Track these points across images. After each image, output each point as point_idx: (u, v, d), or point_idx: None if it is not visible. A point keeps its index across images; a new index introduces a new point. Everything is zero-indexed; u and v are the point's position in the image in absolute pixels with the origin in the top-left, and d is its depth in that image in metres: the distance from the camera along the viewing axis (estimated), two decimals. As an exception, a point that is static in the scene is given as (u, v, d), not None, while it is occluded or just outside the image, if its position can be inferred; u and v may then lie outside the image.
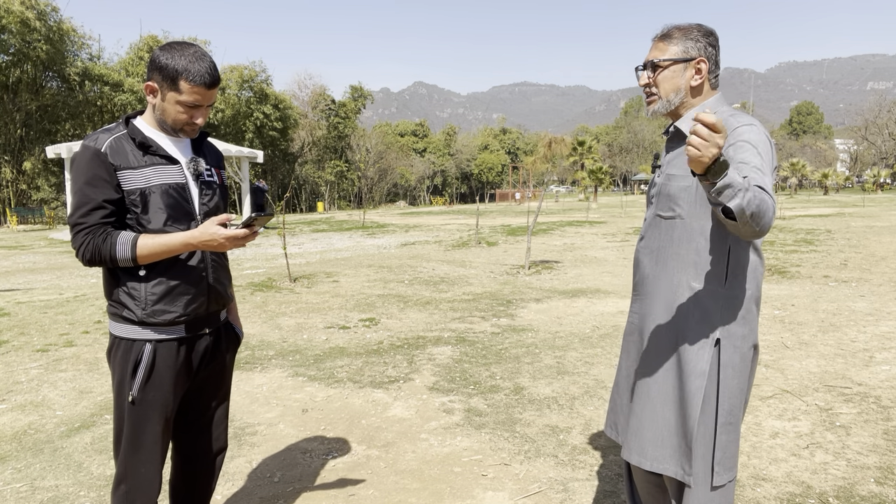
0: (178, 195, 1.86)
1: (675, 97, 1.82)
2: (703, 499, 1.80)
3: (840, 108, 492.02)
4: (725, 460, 1.80)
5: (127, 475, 1.90)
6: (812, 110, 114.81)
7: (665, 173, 1.86)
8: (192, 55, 1.78)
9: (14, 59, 29.14)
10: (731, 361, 1.76)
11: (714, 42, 1.81)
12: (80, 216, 1.77)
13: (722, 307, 1.75)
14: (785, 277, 8.52)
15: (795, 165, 53.13)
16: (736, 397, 1.79)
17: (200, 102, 1.82)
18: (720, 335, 1.75)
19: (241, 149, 20.99)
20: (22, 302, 7.46)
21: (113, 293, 1.87)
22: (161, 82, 1.79)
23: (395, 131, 71.11)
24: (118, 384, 1.89)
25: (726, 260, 1.74)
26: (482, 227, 18.00)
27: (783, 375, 4.33)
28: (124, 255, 1.77)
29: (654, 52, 1.84)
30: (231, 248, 1.82)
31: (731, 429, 1.80)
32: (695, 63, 1.79)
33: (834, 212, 23.16)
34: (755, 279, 1.78)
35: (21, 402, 4.04)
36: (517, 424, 3.56)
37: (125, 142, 1.82)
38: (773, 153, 1.69)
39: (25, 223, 25.74)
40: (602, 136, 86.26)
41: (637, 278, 1.96)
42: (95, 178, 1.77)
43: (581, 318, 6.22)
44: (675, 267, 1.81)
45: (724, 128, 1.33)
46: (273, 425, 3.62)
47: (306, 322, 6.24)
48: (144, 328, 1.85)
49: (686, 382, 1.77)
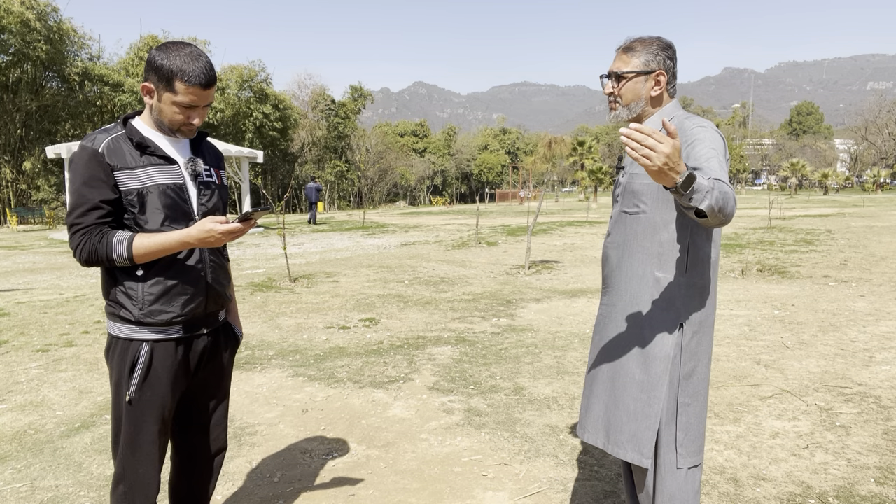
0: (175, 195, 1.86)
1: (635, 106, 1.97)
2: (671, 483, 1.90)
3: (840, 108, 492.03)
4: (688, 443, 1.90)
5: (125, 475, 1.90)
6: (812, 110, 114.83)
7: (629, 172, 1.98)
8: (187, 55, 1.77)
9: (14, 59, 29.13)
10: (689, 345, 1.89)
11: (672, 55, 1.96)
12: (77, 216, 1.77)
13: (684, 294, 1.88)
14: (785, 277, 8.52)
15: (795, 165, 53.11)
16: (696, 379, 1.91)
17: (196, 103, 1.81)
18: (682, 320, 1.88)
19: (240, 149, 20.96)
20: (22, 302, 7.46)
21: (111, 293, 1.87)
22: (157, 83, 1.79)
23: (395, 131, 71.11)
24: (116, 384, 1.89)
25: (687, 250, 1.87)
26: (482, 227, 18.00)
27: (783, 375, 4.33)
28: (120, 254, 1.77)
29: (617, 63, 1.97)
30: (227, 242, 1.82)
31: (691, 410, 1.91)
32: (654, 75, 1.93)
33: (834, 212, 23.16)
34: (713, 269, 1.93)
35: (21, 402, 4.04)
36: (517, 424, 3.56)
37: (123, 142, 1.82)
38: (724, 148, 1.83)
39: (25, 223, 25.75)
40: (602, 136, 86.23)
41: (605, 272, 2.07)
42: (93, 179, 1.77)
43: (581, 318, 6.22)
44: (640, 259, 1.93)
45: (653, 131, 1.43)
46: (273, 425, 3.61)
47: (306, 322, 6.24)
48: (142, 328, 1.85)
49: (650, 367, 1.88)
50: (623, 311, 1.96)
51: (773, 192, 58.36)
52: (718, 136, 1.83)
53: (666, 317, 1.88)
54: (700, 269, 1.89)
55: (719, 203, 1.50)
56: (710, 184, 1.50)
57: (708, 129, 1.83)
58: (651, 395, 1.88)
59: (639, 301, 1.92)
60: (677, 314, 1.88)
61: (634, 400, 1.89)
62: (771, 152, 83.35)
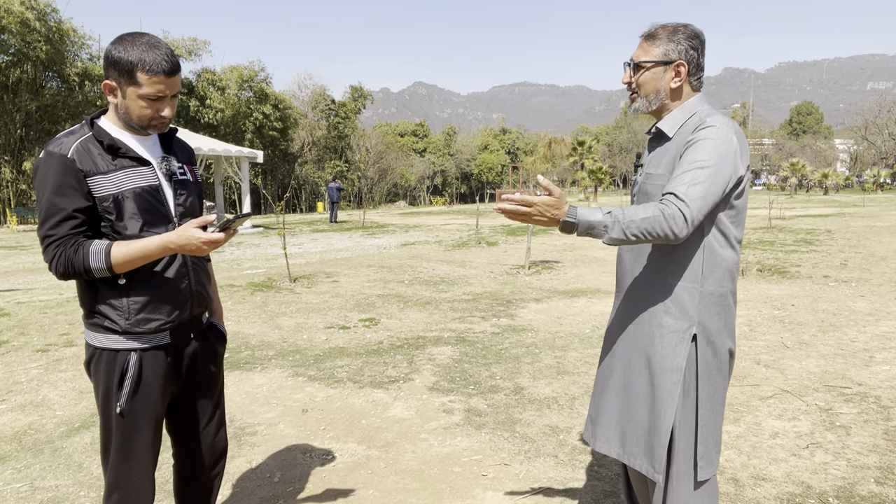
0: (152, 198, 1.78)
1: (654, 98, 1.86)
2: (687, 494, 1.83)
3: (840, 108, 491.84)
4: (707, 454, 1.83)
5: (119, 484, 1.85)
6: (812, 110, 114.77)
7: (645, 172, 1.91)
8: (144, 44, 1.67)
9: (14, 60, 29.10)
10: (704, 356, 1.81)
11: (697, 45, 1.83)
12: (49, 228, 1.68)
13: (698, 303, 1.79)
14: (785, 277, 8.52)
15: (795, 165, 53.07)
16: (713, 391, 1.83)
17: (164, 92, 1.71)
18: (696, 331, 1.79)
19: (240, 149, 20.94)
20: (22, 302, 7.46)
21: (91, 304, 1.79)
22: (118, 78, 1.69)
23: (395, 131, 71.07)
24: (104, 396, 1.81)
25: (702, 257, 1.78)
26: (482, 227, 18.00)
27: (783, 375, 4.33)
28: (98, 264, 1.68)
29: (638, 51, 1.88)
30: (208, 252, 1.74)
31: (711, 422, 1.83)
32: (674, 66, 1.82)
33: (834, 212, 23.16)
34: (731, 275, 1.83)
35: (21, 402, 4.04)
36: (517, 424, 3.56)
37: (92, 145, 1.72)
38: (735, 153, 1.71)
39: (25, 223, 25.73)
40: (602, 136, 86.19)
41: (619, 274, 2.01)
42: (63, 187, 1.67)
43: (581, 318, 6.22)
44: (653, 263, 1.85)
45: (521, 198, 1.61)
46: (273, 425, 3.61)
47: (306, 322, 6.24)
48: (129, 338, 1.79)
49: (661, 379, 1.81)
50: (635, 318, 1.89)
51: (773, 191, 58.35)
52: (725, 139, 1.70)
53: (678, 326, 1.79)
54: (716, 276, 1.79)
55: (631, 234, 1.60)
56: (611, 220, 1.61)
57: (714, 131, 1.71)
58: (662, 408, 1.80)
59: (651, 308, 1.84)
60: (690, 323, 1.79)
61: (646, 411, 1.83)
62: (771, 152, 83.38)
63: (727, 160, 1.69)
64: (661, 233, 1.60)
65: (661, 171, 1.83)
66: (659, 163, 1.85)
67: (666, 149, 1.85)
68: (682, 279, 1.79)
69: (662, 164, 1.83)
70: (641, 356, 1.85)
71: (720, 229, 1.78)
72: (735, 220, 1.79)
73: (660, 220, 1.59)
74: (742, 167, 1.73)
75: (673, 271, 1.80)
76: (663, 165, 1.83)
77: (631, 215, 1.61)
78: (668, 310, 1.81)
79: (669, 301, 1.81)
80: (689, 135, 1.77)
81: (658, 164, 1.85)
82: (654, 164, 1.87)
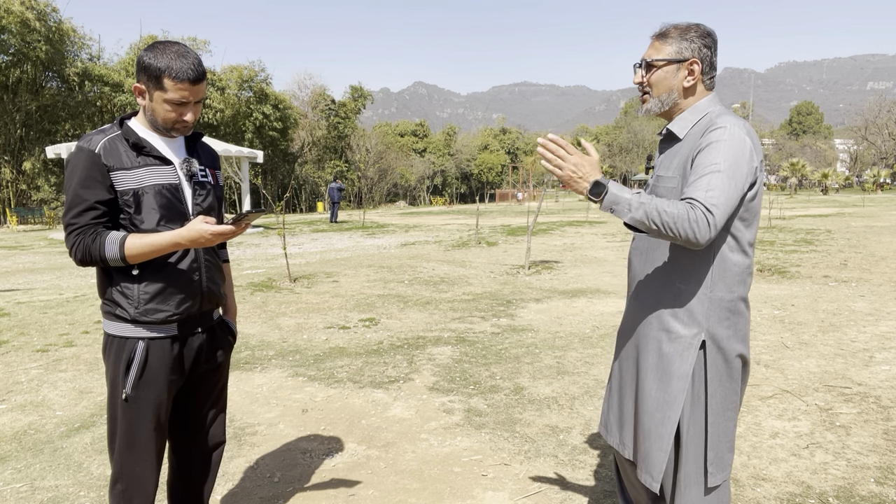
0: (171, 195, 1.88)
1: (667, 97, 1.83)
2: (696, 500, 1.81)
3: (840, 108, 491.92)
4: (717, 460, 1.80)
5: (123, 473, 1.92)
6: (812, 110, 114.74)
7: (656, 174, 1.88)
8: (174, 53, 1.79)
9: (14, 60, 29.10)
10: (716, 362, 1.77)
11: (710, 43, 1.80)
12: (72, 216, 1.79)
13: (707, 309, 1.75)
14: (785, 277, 8.52)
15: (795, 165, 53.07)
16: (724, 397, 1.79)
17: (188, 98, 1.83)
18: (705, 337, 1.76)
19: (240, 149, 20.94)
20: (22, 302, 7.46)
21: (106, 292, 1.89)
22: (147, 82, 1.81)
23: (395, 131, 71.06)
24: (112, 382, 1.91)
25: (712, 262, 1.75)
26: (482, 227, 18.00)
27: (783, 375, 4.33)
28: (113, 254, 1.78)
29: (650, 50, 1.85)
30: (218, 243, 1.84)
31: (722, 429, 1.80)
32: (687, 64, 1.79)
33: (834, 212, 23.16)
34: (742, 281, 1.78)
35: (21, 402, 4.04)
36: (517, 424, 3.56)
37: (119, 143, 1.84)
38: (743, 152, 1.66)
39: (25, 223, 25.73)
40: (602, 136, 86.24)
41: (630, 278, 1.99)
42: (88, 179, 1.78)
43: (581, 318, 6.22)
44: (663, 268, 1.82)
45: (566, 144, 1.57)
46: (273, 425, 3.61)
47: (306, 322, 6.24)
48: (137, 326, 1.87)
49: (667, 385, 1.78)
50: (644, 322, 1.86)
51: (773, 191, 58.34)
52: (738, 141, 1.67)
53: (686, 332, 1.76)
54: (727, 282, 1.75)
55: (653, 221, 1.57)
56: (638, 201, 1.58)
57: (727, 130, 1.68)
58: (665, 414, 1.77)
59: (660, 312, 1.81)
60: (699, 330, 1.75)
61: (649, 417, 1.81)
62: (771, 152, 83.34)
63: (743, 160, 1.66)
64: (682, 233, 1.56)
65: (672, 174, 1.80)
66: (669, 165, 1.83)
67: (676, 150, 1.83)
68: (692, 284, 1.76)
69: (673, 167, 1.81)
70: (648, 361, 1.84)
71: (732, 233, 1.74)
72: (748, 223, 1.75)
73: (685, 220, 1.56)
74: (757, 165, 1.71)
75: (682, 276, 1.77)
76: (673, 168, 1.80)
77: (659, 204, 1.57)
78: (677, 315, 1.78)
79: (678, 306, 1.78)
80: (699, 136, 1.74)
81: (668, 167, 1.83)
82: (664, 167, 1.85)
